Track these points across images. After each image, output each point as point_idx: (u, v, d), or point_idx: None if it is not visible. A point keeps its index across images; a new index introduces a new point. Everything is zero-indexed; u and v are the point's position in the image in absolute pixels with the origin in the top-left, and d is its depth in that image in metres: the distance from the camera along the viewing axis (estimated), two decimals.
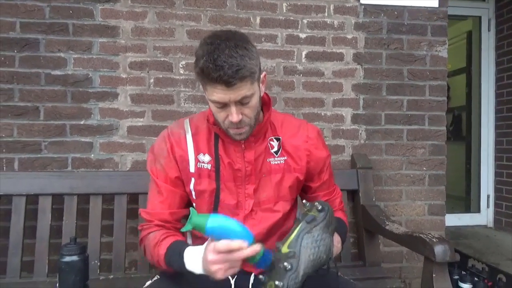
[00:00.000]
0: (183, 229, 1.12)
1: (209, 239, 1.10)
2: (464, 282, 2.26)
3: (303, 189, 1.45)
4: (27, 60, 2.00)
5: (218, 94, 1.13)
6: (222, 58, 1.08)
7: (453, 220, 3.23)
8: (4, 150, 1.98)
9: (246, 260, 1.07)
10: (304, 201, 1.17)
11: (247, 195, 1.31)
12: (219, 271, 1.06)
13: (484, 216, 3.30)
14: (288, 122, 1.40)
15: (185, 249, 1.16)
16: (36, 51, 2.00)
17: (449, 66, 3.86)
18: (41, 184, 1.88)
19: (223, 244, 1.04)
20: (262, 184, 1.33)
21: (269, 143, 1.34)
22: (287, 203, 1.36)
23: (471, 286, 2.23)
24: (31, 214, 1.89)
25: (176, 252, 1.17)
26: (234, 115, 1.16)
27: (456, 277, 2.33)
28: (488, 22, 3.31)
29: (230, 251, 1.04)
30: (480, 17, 3.36)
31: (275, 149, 1.34)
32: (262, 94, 1.28)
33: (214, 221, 1.07)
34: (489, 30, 3.32)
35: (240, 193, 1.31)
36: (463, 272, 2.37)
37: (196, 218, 1.07)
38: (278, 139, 1.35)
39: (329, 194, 1.45)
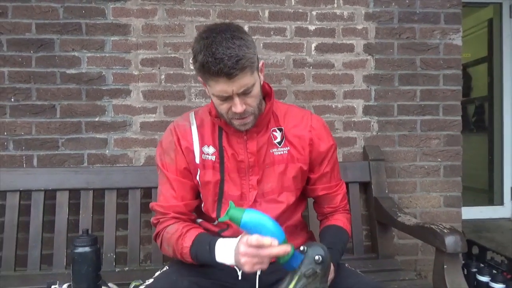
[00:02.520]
0: (220, 219, 1.13)
1: (243, 232, 1.11)
2: (482, 274, 2.20)
3: None
4: (43, 60, 2.07)
5: (220, 87, 1.14)
6: (221, 50, 1.09)
7: (475, 213, 3.15)
8: (23, 147, 2.06)
9: (276, 258, 1.09)
10: (301, 247, 1.09)
11: (251, 186, 1.32)
12: (247, 264, 1.08)
13: (508, 208, 3.20)
14: (291, 113, 1.40)
15: (215, 241, 1.17)
16: (51, 51, 2.07)
17: (468, 54, 3.78)
18: (58, 180, 1.95)
19: (254, 238, 1.05)
20: (266, 175, 1.33)
21: (272, 133, 1.34)
22: (291, 194, 1.36)
23: (490, 278, 2.16)
24: (49, 208, 1.96)
25: (204, 244, 1.18)
26: (238, 106, 1.17)
27: (474, 269, 2.27)
28: (509, 9, 3.19)
29: (260, 246, 1.05)
30: (501, 4, 3.24)
31: (278, 139, 1.35)
32: (262, 83, 1.29)
33: (250, 215, 1.09)
34: (510, 17, 3.20)
35: (244, 184, 1.32)
36: (482, 265, 2.31)
37: (233, 210, 1.10)
38: (280, 130, 1.35)
39: (328, 189, 1.42)
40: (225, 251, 1.14)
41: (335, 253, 1.28)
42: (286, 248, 1.06)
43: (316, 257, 1.06)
